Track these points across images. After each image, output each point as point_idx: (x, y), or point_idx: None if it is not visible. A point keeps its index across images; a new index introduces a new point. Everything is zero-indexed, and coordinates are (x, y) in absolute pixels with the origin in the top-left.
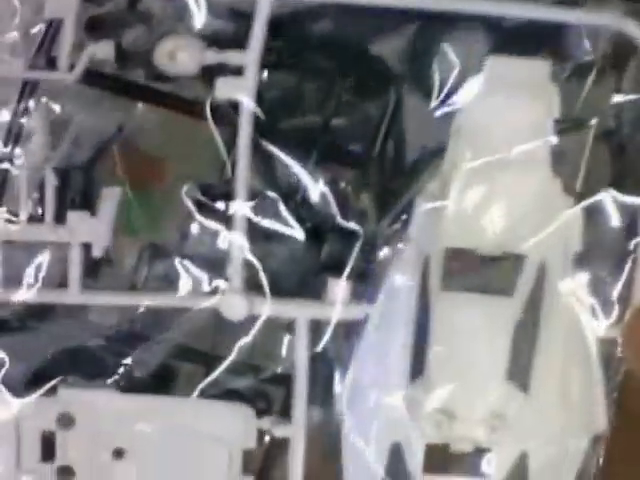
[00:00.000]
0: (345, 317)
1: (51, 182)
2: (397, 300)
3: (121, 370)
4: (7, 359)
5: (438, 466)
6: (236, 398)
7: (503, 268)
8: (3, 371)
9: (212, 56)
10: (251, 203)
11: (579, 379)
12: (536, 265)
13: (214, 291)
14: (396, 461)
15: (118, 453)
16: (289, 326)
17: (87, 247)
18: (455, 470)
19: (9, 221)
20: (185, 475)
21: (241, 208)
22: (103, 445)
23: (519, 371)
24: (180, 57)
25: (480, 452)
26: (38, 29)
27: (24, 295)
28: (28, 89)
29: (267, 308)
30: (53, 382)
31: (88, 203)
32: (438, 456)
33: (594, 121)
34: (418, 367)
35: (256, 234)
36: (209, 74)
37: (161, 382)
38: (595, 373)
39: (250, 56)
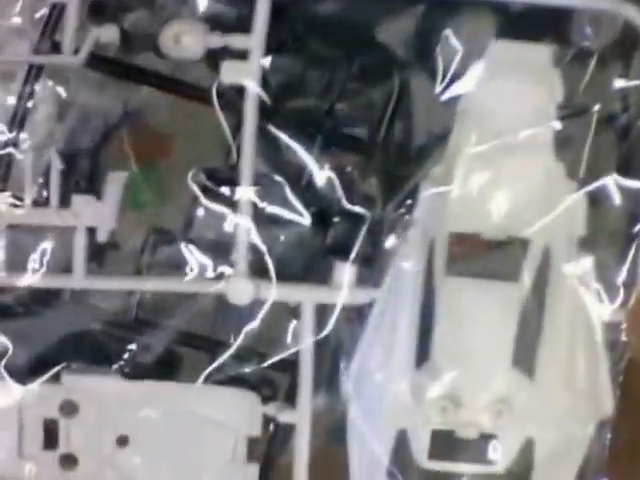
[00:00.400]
0: (351, 301)
1: (56, 166)
2: (403, 284)
3: (125, 356)
4: (10, 345)
5: (444, 453)
6: (241, 385)
7: (508, 253)
8: (6, 357)
9: (216, 40)
10: (257, 188)
11: (584, 364)
12: (541, 249)
13: (219, 276)
14: (402, 448)
15: (122, 440)
16: (294, 311)
17: (92, 232)
18: (461, 457)
19: (14, 205)
20: (189, 462)
21: (247, 193)
22: (107, 432)
23: (524, 357)
24: (185, 41)
25: (486, 438)
26: (42, 13)
27: (29, 280)
28: (33, 73)
29: (273, 292)
30: (56, 368)
31: (94, 187)
32: (444, 443)
33: (597, 106)
34: (423, 353)
35: (262, 218)
36: (213, 58)
37: (166, 368)
38: (600, 358)
39: (254, 40)
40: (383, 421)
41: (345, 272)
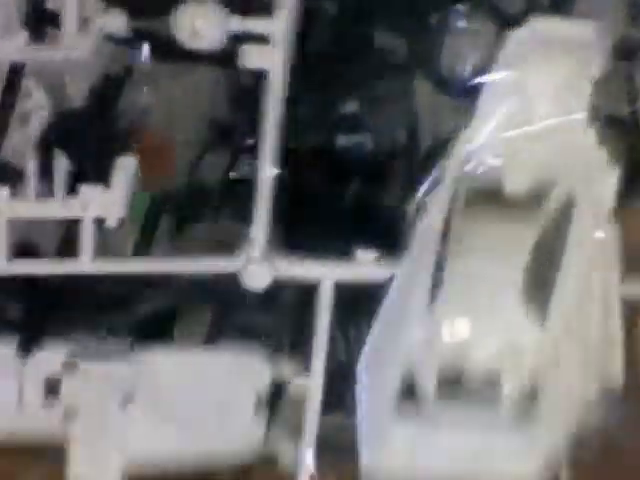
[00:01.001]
0: (371, 278)
1: (62, 166)
2: (422, 242)
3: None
4: None
5: (451, 397)
6: (248, 335)
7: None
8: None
9: (236, 24)
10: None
11: (597, 322)
12: (563, 193)
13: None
14: (410, 391)
15: (126, 399)
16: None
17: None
18: (468, 400)
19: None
20: (193, 422)
21: (269, 172)
22: (111, 390)
23: (536, 297)
24: (199, 26)
25: (493, 383)
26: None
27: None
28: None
29: (292, 269)
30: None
31: (102, 174)
32: (452, 386)
33: None
34: (434, 294)
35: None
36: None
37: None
38: (614, 317)
39: (277, 24)
40: (393, 364)
41: (366, 249)
